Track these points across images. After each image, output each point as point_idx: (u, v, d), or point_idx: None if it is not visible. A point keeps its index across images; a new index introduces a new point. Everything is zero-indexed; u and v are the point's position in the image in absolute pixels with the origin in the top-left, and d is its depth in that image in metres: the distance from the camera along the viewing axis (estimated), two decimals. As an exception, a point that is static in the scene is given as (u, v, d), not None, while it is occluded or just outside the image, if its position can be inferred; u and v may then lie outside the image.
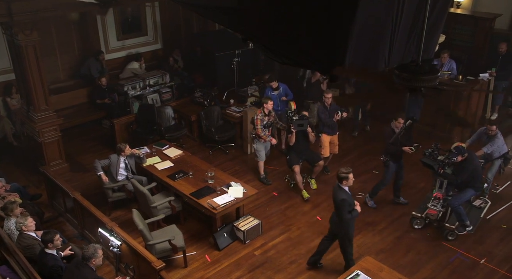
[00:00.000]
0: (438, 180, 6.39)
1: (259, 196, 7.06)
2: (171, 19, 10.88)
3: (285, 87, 8.47)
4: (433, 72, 3.57)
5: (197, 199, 6.33)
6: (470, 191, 6.34)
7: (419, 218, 6.60)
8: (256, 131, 7.40)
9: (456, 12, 10.17)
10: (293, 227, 6.73)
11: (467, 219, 6.35)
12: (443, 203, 6.42)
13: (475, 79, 8.92)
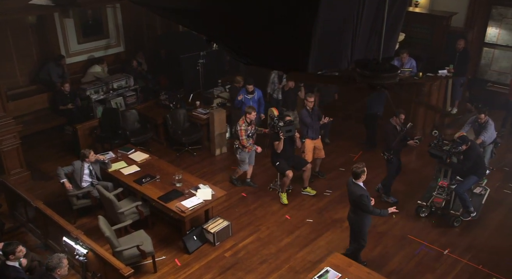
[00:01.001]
0: (443, 169, 6.65)
1: (228, 197, 7.04)
2: (134, 22, 10.72)
3: (260, 95, 8.36)
4: (393, 70, 3.67)
5: (165, 203, 6.25)
6: (473, 178, 6.60)
7: (425, 207, 6.82)
8: (241, 142, 7.15)
9: (415, 11, 10.48)
10: (263, 227, 6.75)
11: (471, 205, 6.62)
12: (448, 191, 6.63)
13: (434, 76, 9.20)
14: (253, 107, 7.37)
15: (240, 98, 8.30)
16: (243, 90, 8.33)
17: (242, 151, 7.27)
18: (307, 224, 6.81)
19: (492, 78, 10.45)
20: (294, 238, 6.52)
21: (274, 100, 9.15)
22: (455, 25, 10.10)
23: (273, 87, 9.15)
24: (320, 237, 6.54)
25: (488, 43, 10.43)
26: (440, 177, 6.71)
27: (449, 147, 6.45)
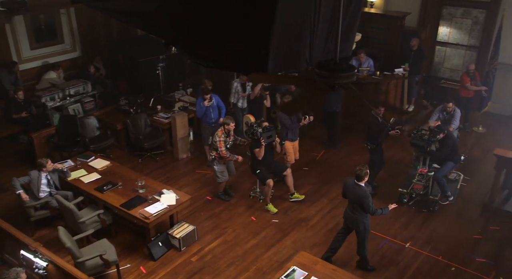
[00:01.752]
0: (421, 158, 7.03)
1: (192, 201, 6.99)
2: (89, 26, 10.46)
3: (218, 99, 8.23)
4: (350, 69, 3.76)
5: (128, 210, 6.14)
6: (450, 164, 7.00)
7: (406, 193, 7.16)
8: (221, 153, 6.94)
9: (370, 11, 10.77)
10: (229, 230, 6.74)
11: (448, 190, 7.07)
12: (426, 178, 6.99)
13: (391, 75, 9.48)
14: (231, 118, 7.14)
15: (207, 104, 7.99)
16: (200, 99, 8.11)
17: (218, 162, 7.08)
18: (273, 225, 6.86)
19: (445, 75, 10.89)
20: (260, 239, 6.55)
21: (239, 110, 8.90)
22: (409, 25, 10.46)
23: (237, 97, 8.89)
24: (286, 236, 6.59)
25: (440, 41, 10.86)
26: (419, 165, 7.08)
27: (428, 136, 6.81)
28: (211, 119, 8.11)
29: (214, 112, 8.11)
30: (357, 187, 5.53)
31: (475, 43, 10.37)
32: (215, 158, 7.07)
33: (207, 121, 8.14)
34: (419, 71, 10.11)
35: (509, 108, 10.02)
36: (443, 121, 7.60)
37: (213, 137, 7.19)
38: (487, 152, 8.26)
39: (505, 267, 6.00)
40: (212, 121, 8.12)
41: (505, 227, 6.75)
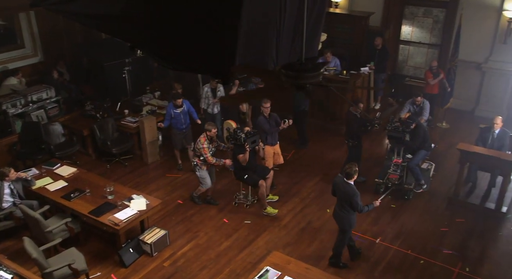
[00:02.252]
0: (396, 149, 7.35)
1: (163, 205, 6.93)
2: (51, 30, 10.19)
3: (188, 104, 8.09)
4: (316, 69, 3.81)
5: (97, 217, 6.02)
6: (423, 152, 7.35)
7: (382, 183, 7.46)
8: (208, 160, 6.82)
9: (335, 12, 10.95)
10: (201, 233, 6.71)
11: (422, 178, 7.39)
12: (401, 168, 7.32)
13: (357, 73, 9.67)
14: (213, 124, 7.00)
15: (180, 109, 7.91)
16: (170, 105, 7.95)
17: (201, 168, 6.94)
18: (245, 226, 6.86)
19: (409, 73, 11.18)
20: (233, 241, 6.55)
21: (209, 115, 8.68)
22: (373, 24, 10.69)
23: (207, 102, 8.67)
24: (258, 237, 6.61)
25: (404, 40, 11.15)
26: (393, 156, 7.38)
27: (401, 127, 7.11)
28: (181, 125, 7.97)
29: (185, 118, 7.98)
30: (346, 185, 5.61)
31: (436, 42, 10.69)
32: (197, 164, 6.94)
33: (178, 127, 8.00)
34: (384, 69, 10.34)
35: (470, 104, 10.38)
36: (414, 113, 7.92)
37: (195, 144, 7.05)
38: (451, 147, 8.52)
39: (470, 258, 6.21)
40: (183, 127, 7.99)
41: (469, 219, 6.99)
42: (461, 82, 9.94)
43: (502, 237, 6.62)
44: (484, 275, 5.92)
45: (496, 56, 9.74)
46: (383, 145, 9.14)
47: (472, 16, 9.57)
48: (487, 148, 7.25)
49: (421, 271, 6.01)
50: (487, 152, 7.11)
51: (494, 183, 7.46)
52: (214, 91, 8.68)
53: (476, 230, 6.77)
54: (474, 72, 10.12)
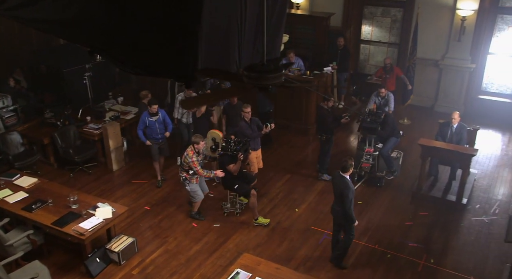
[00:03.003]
0: (367, 139, 7.80)
1: (130, 212, 6.82)
2: (5, 36, 9.85)
3: (164, 113, 7.73)
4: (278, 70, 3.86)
5: (61, 228, 5.86)
6: (393, 139, 7.84)
7: (355, 173, 7.76)
8: (199, 173, 6.59)
9: (297, 13, 11.09)
10: (170, 238, 6.64)
11: (393, 165, 7.86)
12: (373, 157, 7.79)
13: (320, 73, 9.82)
14: (200, 136, 6.65)
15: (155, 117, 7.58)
16: (145, 113, 7.59)
17: (190, 182, 6.67)
18: (215, 229, 6.85)
19: (371, 71, 11.44)
20: (203, 244, 6.52)
21: (185, 126, 8.36)
22: (334, 24, 10.89)
23: (181, 112, 8.31)
24: (228, 240, 6.61)
25: (364, 40, 11.42)
26: (365, 146, 7.83)
27: (373, 118, 7.52)
28: (157, 135, 7.65)
29: (160, 128, 7.66)
30: (341, 178, 5.71)
31: (395, 40, 11.01)
32: (186, 178, 6.67)
33: (154, 138, 7.66)
34: (346, 69, 10.56)
35: (429, 100, 10.74)
36: (379, 106, 8.26)
37: (181, 158, 6.75)
38: (413, 142, 8.77)
39: (434, 249, 6.42)
40: (158, 137, 7.67)
41: (432, 211, 7.23)
42: (420, 79, 10.28)
43: (464, 227, 6.88)
44: (448, 265, 6.13)
45: (451, 54, 10.12)
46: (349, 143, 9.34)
47: (428, 15, 9.91)
48: (446, 142, 7.52)
49: (388, 264, 6.17)
50: (447, 146, 7.37)
51: (454, 176, 7.74)
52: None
53: (439, 222, 7.00)
54: (432, 69, 10.48)
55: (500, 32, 9.84)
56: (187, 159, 6.55)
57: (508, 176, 8.17)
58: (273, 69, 3.84)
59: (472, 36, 9.79)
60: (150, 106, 7.53)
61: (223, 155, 6.67)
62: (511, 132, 9.69)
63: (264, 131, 7.34)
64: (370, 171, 7.86)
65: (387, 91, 8.48)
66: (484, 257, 6.27)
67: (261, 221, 6.91)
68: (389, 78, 9.60)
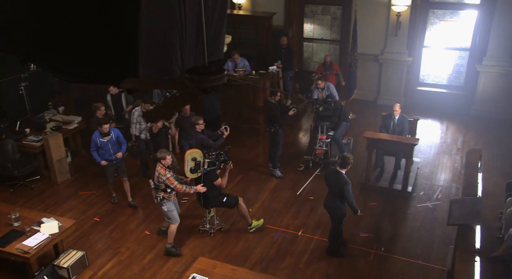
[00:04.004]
0: (319, 127, 8.35)
1: (78, 225, 6.61)
2: None
3: (117, 132, 7.19)
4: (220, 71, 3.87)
5: (3, 248, 5.57)
6: (344, 124, 8.39)
7: (310, 160, 8.40)
8: (177, 189, 6.13)
9: (239, 13, 11.15)
10: (123, 249, 6.49)
11: (345, 150, 8.36)
12: (326, 143, 8.35)
13: (266, 73, 9.93)
14: (165, 150, 6.25)
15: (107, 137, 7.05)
16: (96, 133, 7.05)
17: (168, 200, 6.20)
18: (168, 236, 6.76)
19: (315, 68, 11.66)
20: (157, 252, 6.42)
21: (143, 142, 7.88)
22: (277, 24, 11.04)
23: (139, 127, 7.83)
24: (183, 245, 6.55)
25: (307, 38, 11.66)
26: (318, 133, 8.39)
27: (326, 106, 7.97)
28: (111, 156, 7.11)
29: (114, 148, 7.10)
30: (338, 174, 5.89)
31: (336, 37, 11.32)
32: (163, 198, 6.15)
33: (107, 159, 7.12)
34: (291, 67, 10.74)
35: (372, 94, 11.14)
36: (326, 96, 8.60)
37: (154, 178, 6.18)
38: (359, 135, 9.07)
39: (384, 238, 6.67)
40: (112, 158, 7.13)
41: (380, 201, 7.51)
42: (362, 74, 10.64)
43: (410, 215, 7.20)
44: (397, 252, 6.40)
45: (390, 48, 10.56)
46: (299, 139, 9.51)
47: (365, 12, 10.27)
48: (389, 134, 7.84)
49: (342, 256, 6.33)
50: (390, 137, 7.69)
51: (399, 166, 8.08)
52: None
53: (387, 211, 7.29)
54: (373, 64, 10.88)
55: (433, 25, 10.37)
56: (161, 178, 6.06)
57: (448, 162, 8.63)
58: (215, 70, 3.86)
59: (408, 30, 10.25)
60: (101, 126, 7.00)
61: (208, 172, 6.34)
62: (449, 121, 10.24)
63: (225, 135, 7.21)
64: (324, 157, 8.39)
65: (324, 82, 8.82)
66: (430, 241, 6.60)
67: (256, 224, 6.79)
68: (329, 75, 9.90)
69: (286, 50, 10.44)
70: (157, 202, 6.22)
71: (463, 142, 9.38)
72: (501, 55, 9.65)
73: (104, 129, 6.99)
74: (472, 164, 6.79)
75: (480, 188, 6.33)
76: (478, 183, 6.37)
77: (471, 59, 10.22)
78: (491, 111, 10.02)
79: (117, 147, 7.16)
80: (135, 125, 7.88)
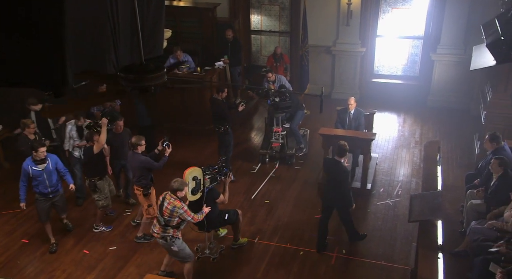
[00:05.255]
0: (275, 119, 8.53)
1: (3, 250, 6.34)
2: None
3: (55, 159, 6.42)
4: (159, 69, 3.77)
5: None
6: (300, 112, 8.76)
7: (266, 153, 8.68)
8: (194, 220, 5.69)
9: (180, 5, 11.01)
10: (58, 272, 6.22)
11: (302, 141, 8.76)
12: (281, 136, 8.59)
13: (212, 69, 9.86)
14: (181, 180, 5.60)
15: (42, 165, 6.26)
16: (27, 161, 6.22)
17: (177, 239, 5.64)
18: (111, 253, 6.55)
19: (264, 63, 11.73)
20: (98, 272, 6.21)
21: (76, 160, 7.35)
22: (221, 15, 10.99)
23: (72, 143, 7.33)
24: (128, 263, 6.38)
25: (254, 30, 11.70)
26: (273, 126, 8.59)
27: (282, 97, 8.19)
28: (46, 189, 6.28)
29: (51, 178, 6.27)
30: (338, 163, 6.27)
31: (286, 29, 11.43)
32: (173, 237, 5.58)
33: (41, 192, 6.29)
34: (239, 62, 10.73)
35: (326, 88, 11.31)
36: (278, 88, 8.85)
37: (163, 214, 5.50)
38: (314, 132, 9.18)
39: (345, 240, 6.78)
40: (48, 191, 6.29)
41: (340, 201, 7.64)
42: (315, 67, 10.81)
43: (371, 213, 7.37)
44: (359, 253, 6.53)
45: (342, 39, 10.78)
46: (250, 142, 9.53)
47: (315, 1, 10.42)
48: (346, 129, 7.99)
49: (302, 261, 6.39)
50: (346, 133, 7.83)
51: (357, 162, 8.26)
52: (81, 130, 7.27)
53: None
54: (325, 56, 11.08)
55: (385, 14, 10.69)
56: (177, 211, 5.46)
57: (407, 156, 8.92)
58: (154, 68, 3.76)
59: (360, 19, 10.51)
60: (36, 151, 6.11)
61: (210, 190, 6.02)
62: (405, 113, 10.60)
63: (167, 152, 6.54)
64: (281, 150, 8.65)
65: (274, 75, 9.05)
66: (393, 240, 6.79)
67: (241, 241, 6.65)
68: (279, 66, 10.02)
69: (232, 44, 10.40)
70: (165, 243, 5.59)
71: (421, 134, 9.73)
72: (455, 43, 10.08)
73: (40, 155, 6.13)
74: (430, 157, 7.04)
75: (440, 181, 6.57)
76: (437, 176, 6.61)
77: (425, 48, 10.63)
78: (447, 101, 10.46)
79: (55, 177, 6.33)
80: (69, 141, 7.35)
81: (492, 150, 6.63)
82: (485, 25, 5.72)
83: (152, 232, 5.76)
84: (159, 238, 5.63)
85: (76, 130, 7.32)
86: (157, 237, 5.66)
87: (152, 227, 5.74)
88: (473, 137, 9.02)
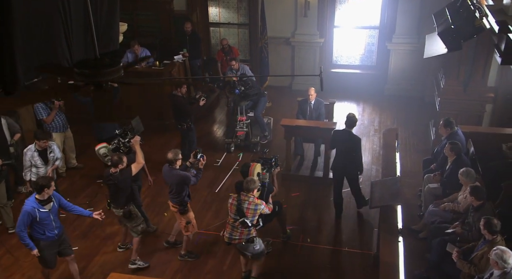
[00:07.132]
0: (238, 108, 8.66)
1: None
2: None
3: (58, 196, 5.50)
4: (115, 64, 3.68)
5: None
6: (263, 99, 8.98)
7: (231, 142, 8.79)
8: (270, 210, 5.66)
9: (136, -2, 10.77)
10: (16, 276, 6.04)
11: (266, 128, 9.00)
12: (246, 124, 8.71)
13: (171, 63, 9.73)
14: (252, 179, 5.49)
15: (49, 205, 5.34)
16: (31, 200, 5.26)
17: (258, 237, 5.62)
18: (73, 253, 6.40)
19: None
20: (59, 274, 6.07)
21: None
22: (179, 8, 10.86)
23: (36, 172, 6.68)
24: (90, 263, 6.27)
25: (213, 22, 11.62)
26: (237, 115, 8.72)
27: (246, 87, 8.35)
28: (52, 231, 5.39)
29: (56, 219, 5.43)
30: (350, 133, 6.72)
31: (244, 21, 11.40)
32: (256, 236, 5.54)
33: (48, 236, 5.38)
34: (198, 55, 10.65)
35: (286, 79, 11.41)
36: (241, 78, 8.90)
37: (246, 215, 5.37)
38: (276, 124, 9.23)
39: (309, 228, 6.89)
40: (54, 233, 5.40)
41: (303, 191, 7.73)
42: (275, 59, 10.86)
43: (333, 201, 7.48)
44: (323, 241, 6.65)
45: (300, 30, 10.85)
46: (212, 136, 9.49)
47: (271, -8, 10.43)
48: (307, 119, 8.07)
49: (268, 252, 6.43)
50: (308, 123, 7.94)
51: (319, 152, 8.38)
52: (44, 154, 6.65)
53: (311, 200, 7.53)
54: (285, 47, 11.14)
55: (342, 4, 10.83)
56: (260, 209, 5.40)
57: (367, 144, 9.10)
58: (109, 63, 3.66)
59: (317, 10, 10.60)
60: (41, 191, 5.18)
61: (269, 184, 6.02)
62: (364, 102, 10.80)
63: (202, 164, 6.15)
64: (245, 138, 8.78)
65: (238, 63, 9.14)
66: (355, 226, 6.94)
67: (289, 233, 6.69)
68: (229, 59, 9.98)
69: (191, 37, 10.29)
70: (249, 245, 5.49)
71: (380, 122, 9.95)
72: (409, 32, 10.33)
73: (45, 195, 5.20)
74: (389, 144, 7.22)
75: (399, 167, 6.76)
76: (396, 162, 6.80)
77: (381, 38, 10.84)
78: (404, 89, 10.73)
79: (57, 216, 5.48)
80: (29, 169, 6.62)
81: (447, 135, 6.85)
82: (436, 14, 5.89)
83: (230, 240, 5.58)
84: (242, 242, 5.49)
85: (39, 155, 6.59)
86: (239, 242, 5.51)
87: (228, 235, 5.57)
88: (429, 124, 9.30)
